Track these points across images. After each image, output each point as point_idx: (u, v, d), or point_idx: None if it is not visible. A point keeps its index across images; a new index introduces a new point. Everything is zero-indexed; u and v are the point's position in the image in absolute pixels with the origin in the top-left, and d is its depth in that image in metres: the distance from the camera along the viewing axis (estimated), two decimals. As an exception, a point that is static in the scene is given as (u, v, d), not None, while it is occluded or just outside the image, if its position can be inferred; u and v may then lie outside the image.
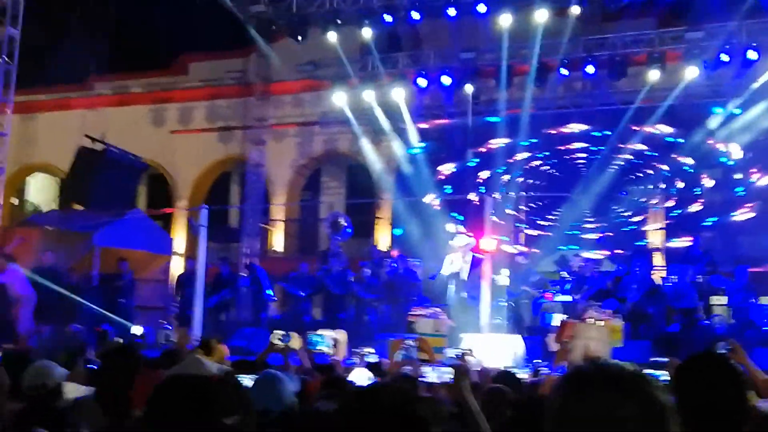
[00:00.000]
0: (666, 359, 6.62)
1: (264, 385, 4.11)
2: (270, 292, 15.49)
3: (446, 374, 4.19)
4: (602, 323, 9.58)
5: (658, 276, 14.77)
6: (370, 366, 6.87)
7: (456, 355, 7.56)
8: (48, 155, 21.85)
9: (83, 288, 14.90)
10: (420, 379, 4.48)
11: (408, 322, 12.50)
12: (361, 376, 6.00)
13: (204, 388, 2.33)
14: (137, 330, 12.00)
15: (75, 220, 16.60)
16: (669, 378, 5.56)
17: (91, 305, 13.74)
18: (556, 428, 1.55)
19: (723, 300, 12.46)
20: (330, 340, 8.86)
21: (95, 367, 7.05)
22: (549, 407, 1.57)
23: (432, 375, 4.28)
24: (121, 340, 10.85)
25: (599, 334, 8.32)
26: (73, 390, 5.25)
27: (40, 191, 23.47)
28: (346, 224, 15.86)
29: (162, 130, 21.35)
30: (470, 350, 8.18)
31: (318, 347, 7.69)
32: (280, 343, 6.88)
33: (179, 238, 20.16)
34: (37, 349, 11.23)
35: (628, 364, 1.60)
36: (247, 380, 4.49)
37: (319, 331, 8.12)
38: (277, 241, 20.56)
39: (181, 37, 21.54)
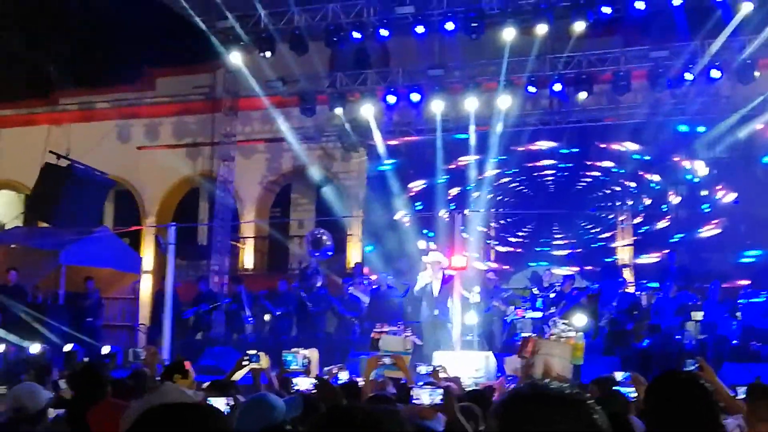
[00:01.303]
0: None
1: (252, 409, 4.04)
2: (250, 316, 15.36)
3: (438, 396, 4.17)
4: (564, 340, 9.59)
5: (637, 292, 14.86)
6: (344, 387, 6.81)
7: (427, 372, 7.53)
8: (12, 171, 21.48)
9: (49, 307, 14.67)
10: (412, 401, 4.46)
11: (372, 339, 12.27)
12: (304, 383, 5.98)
13: (207, 418, 2.24)
14: (105, 350, 11.77)
15: (40, 237, 16.37)
16: (636, 393, 5.61)
17: (58, 325, 13.52)
18: None
19: (699, 315, 12.59)
20: (303, 359, 8.76)
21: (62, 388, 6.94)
22: (487, 428, 1.56)
23: (425, 397, 4.25)
24: (87, 360, 10.67)
25: (561, 351, 8.35)
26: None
27: (4, 208, 23.06)
28: (329, 243, 15.72)
29: (128, 146, 21.10)
30: (443, 367, 8.14)
31: (291, 366, 7.60)
32: (247, 363, 6.80)
33: (147, 256, 19.92)
34: (2, 370, 11.02)
35: (570, 386, 1.59)
36: (219, 402, 4.39)
37: (293, 350, 8.02)
38: (247, 258, 20.43)
39: (149, 52, 21.38)
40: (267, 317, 15.15)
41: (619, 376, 6.77)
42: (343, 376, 8.08)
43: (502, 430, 1.52)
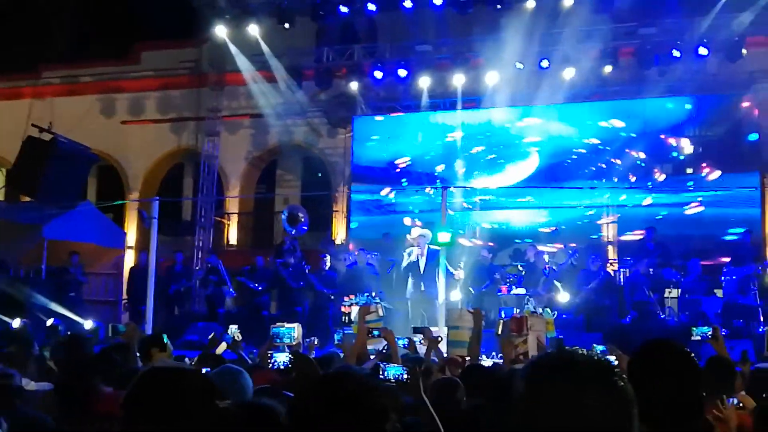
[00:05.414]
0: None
1: (224, 378, 4.01)
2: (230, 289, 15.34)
3: (404, 373, 4.10)
4: (541, 316, 9.65)
5: (611, 269, 15.00)
6: (320, 359, 6.76)
7: (404, 344, 7.47)
8: (-7, 145, 21.28)
9: (31, 281, 14.57)
10: (381, 376, 4.39)
11: (343, 313, 12.09)
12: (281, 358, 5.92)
13: (198, 378, 2.24)
14: (88, 324, 11.70)
15: (23, 212, 16.23)
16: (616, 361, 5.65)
17: (40, 299, 13.42)
18: (524, 414, 1.53)
19: (675, 293, 12.66)
20: (295, 332, 8.73)
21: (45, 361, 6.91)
22: (517, 394, 1.55)
23: (392, 372, 4.18)
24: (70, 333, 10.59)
25: (542, 327, 8.52)
26: (26, 385, 5.11)
27: (-15, 182, 22.83)
28: (303, 219, 15.57)
29: (112, 121, 20.91)
30: (428, 329, 8.00)
31: (284, 340, 7.56)
32: (218, 341, 6.96)
33: (131, 232, 19.80)
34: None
35: (595, 352, 1.60)
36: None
37: (288, 324, 7.99)
38: (231, 234, 20.34)
39: (134, 25, 21.15)
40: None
41: (597, 349, 6.83)
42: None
43: (530, 396, 1.52)
